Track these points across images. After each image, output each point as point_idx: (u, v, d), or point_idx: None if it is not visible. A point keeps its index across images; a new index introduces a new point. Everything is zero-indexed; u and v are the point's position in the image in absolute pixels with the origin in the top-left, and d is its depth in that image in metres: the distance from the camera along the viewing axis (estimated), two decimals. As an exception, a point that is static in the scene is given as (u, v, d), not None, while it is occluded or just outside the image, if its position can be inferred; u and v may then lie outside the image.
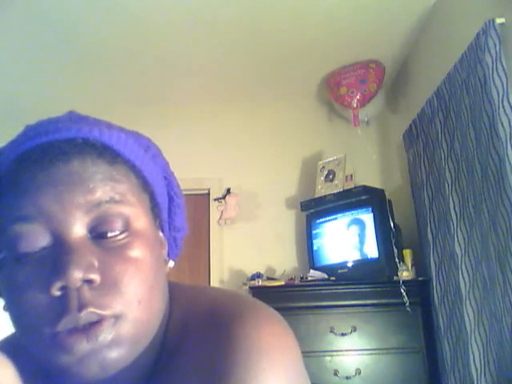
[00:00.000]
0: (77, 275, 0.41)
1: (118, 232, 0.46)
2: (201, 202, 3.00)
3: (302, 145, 3.08)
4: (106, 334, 0.42)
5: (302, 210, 2.78)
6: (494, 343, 1.70)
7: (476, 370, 1.80)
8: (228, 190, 2.95)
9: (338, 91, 2.75)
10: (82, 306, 0.41)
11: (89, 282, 0.42)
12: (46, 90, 2.86)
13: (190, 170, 2.95)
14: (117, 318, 0.43)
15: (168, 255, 0.59)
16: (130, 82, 2.87)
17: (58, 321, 0.41)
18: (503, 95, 1.55)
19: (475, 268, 1.84)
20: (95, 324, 0.42)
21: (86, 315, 0.41)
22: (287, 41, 2.52)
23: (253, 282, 2.51)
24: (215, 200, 2.97)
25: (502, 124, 1.54)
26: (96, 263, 0.43)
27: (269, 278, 2.59)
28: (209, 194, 3.03)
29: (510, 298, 1.54)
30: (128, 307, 0.44)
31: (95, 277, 0.42)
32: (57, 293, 0.41)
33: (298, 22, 2.37)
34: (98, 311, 0.42)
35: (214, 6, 2.22)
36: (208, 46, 2.54)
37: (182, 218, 0.59)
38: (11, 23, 2.24)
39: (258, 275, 2.57)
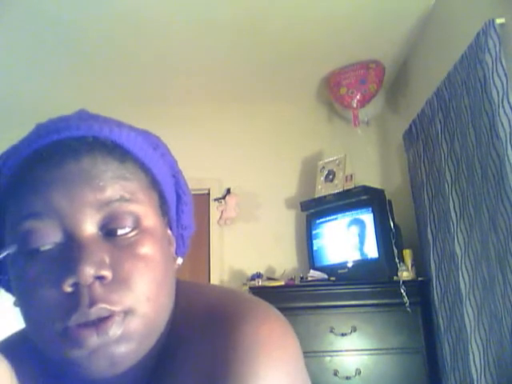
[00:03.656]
0: (89, 272, 0.41)
1: (128, 230, 0.46)
2: (201, 202, 2.99)
3: (302, 145, 3.08)
4: (115, 329, 0.43)
5: (301, 210, 2.78)
6: (493, 343, 1.70)
7: (476, 370, 1.80)
8: (228, 190, 2.95)
9: (338, 91, 2.75)
10: (92, 302, 0.42)
11: (100, 278, 0.43)
12: (47, 90, 2.86)
13: (190, 170, 2.89)
14: (126, 313, 0.44)
15: (176, 253, 0.59)
16: (130, 82, 2.87)
17: (69, 316, 0.42)
18: (503, 95, 1.55)
19: (475, 268, 1.84)
20: (105, 319, 0.42)
21: (96, 311, 0.42)
22: (287, 41, 2.52)
23: (253, 282, 2.51)
24: (215, 200, 2.97)
25: (502, 124, 1.54)
26: (107, 259, 0.44)
27: (269, 278, 2.60)
28: (209, 194, 3.03)
29: (509, 298, 1.54)
30: (137, 303, 0.44)
31: (107, 273, 0.43)
32: (68, 289, 0.42)
33: (298, 22, 2.37)
34: (109, 307, 0.43)
35: (214, 6, 2.22)
36: (208, 46, 2.54)
37: (190, 215, 0.60)
38: (12, 24, 2.24)
39: (258, 275, 2.57)
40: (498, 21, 1.62)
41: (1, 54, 2.50)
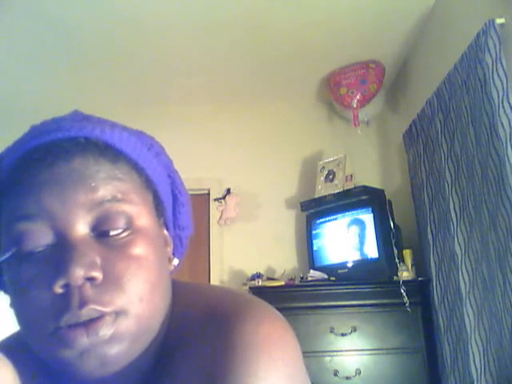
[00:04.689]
0: (78, 273, 0.41)
1: (120, 230, 0.46)
2: (201, 202, 2.99)
3: (302, 145, 3.08)
4: (106, 330, 0.43)
5: (301, 210, 2.78)
6: (493, 343, 1.70)
7: (476, 369, 1.80)
8: (228, 190, 2.95)
9: (337, 91, 2.75)
10: (83, 303, 0.42)
11: (91, 279, 0.43)
12: (46, 90, 2.86)
13: (190, 170, 2.92)
14: (118, 314, 0.44)
15: (173, 254, 0.59)
16: (130, 82, 2.87)
17: (60, 317, 0.42)
18: (503, 95, 1.55)
19: (475, 268, 1.84)
20: (96, 319, 0.42)
21: (86, 312, 0.42)
22: (287, 41, 2.52)
23: (253, 282, 2.51)
24: (215, 200, 2.97)
25: (502, 124, 1.54)
26: (98, 261, 0.44)
27: (269, 278, 2.60)
28: (209, 194, 3.02)
29: (509, 298, 1.54)
30: (129, 304, 0.44)
31: (97, 274, 0.43)
32: (59, 290, 0.42)
33: (298, 22, 2.37)
34: (99, 308, 0.43)
35: (214, 6, 2.22)
36: (208, 45, 2.54)
37: (187, 216, 0.60)
38: (11, 24, 2.24)
39: (258, 275, 2.57)
40: (498, 21, 1.62)
41: (1, 54, 2.50)
